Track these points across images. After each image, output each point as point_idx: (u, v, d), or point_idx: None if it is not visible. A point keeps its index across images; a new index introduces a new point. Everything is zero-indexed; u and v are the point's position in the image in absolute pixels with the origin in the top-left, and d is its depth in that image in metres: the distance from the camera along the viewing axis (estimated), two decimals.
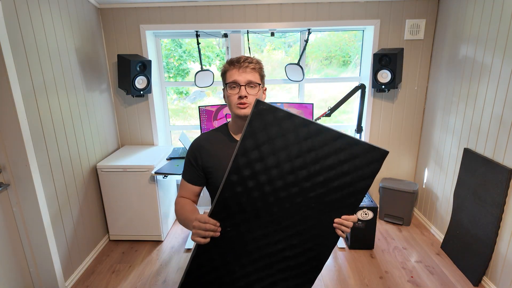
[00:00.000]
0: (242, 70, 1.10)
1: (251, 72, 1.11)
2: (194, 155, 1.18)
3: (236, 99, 1.10)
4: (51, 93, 2.07)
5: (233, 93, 1.11)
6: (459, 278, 2.22)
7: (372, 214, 2.48)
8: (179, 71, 3.18)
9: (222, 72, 1.16)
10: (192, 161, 1.18)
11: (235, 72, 1.10)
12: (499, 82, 2.00)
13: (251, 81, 1.10)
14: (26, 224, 1.94)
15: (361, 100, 2.66)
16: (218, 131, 1.22)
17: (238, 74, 1.10)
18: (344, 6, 2.71)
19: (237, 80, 1.10)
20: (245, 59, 1.11)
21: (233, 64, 1.11)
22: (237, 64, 1.10)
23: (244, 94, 1.09)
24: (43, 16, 2.00)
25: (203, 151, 1.17)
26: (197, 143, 1.19)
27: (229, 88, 1.12)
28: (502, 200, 1.95)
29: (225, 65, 1.15)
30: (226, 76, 1.13)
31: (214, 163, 1.15)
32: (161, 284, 2.23)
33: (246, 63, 1.10)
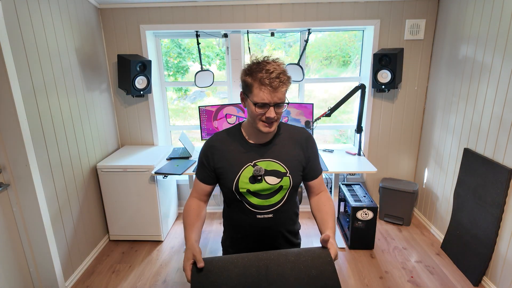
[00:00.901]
0: (275, 92, 1.02)
1: (282, 92, 1.04)
2: (206, 155, 1.17)
3: (263, 117, 1.06)
4: (51, 93, 2.07)
5: (261, 113, 1.05)
6: (459, 278, 2.22)
7: (372, 214, 2.48)
8: (178, 68, 3.18)
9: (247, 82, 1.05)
10: (204, 161, 1.18)
11: (267, 93, 1.01)
12: (499, 82, 2.00)
13: (281, 102, 1.05)
14: (26, 224, 1.94)
15: (361, 100, 2.66)
16: (232, 132, 1.20)
17: (269, 96, 1.02)
18: (344, 6, 2.71)
19: (268, 102, 1.02)
20: (279, 80, 1.01)
21: (265, 83, 1.01)
22: (269, 86, 1.01)
23: (273, 116, 1.04)
24: (43, 16, 2.00)
25: (215, 151, 1.16)
26: (210, 143, 1.18)
27: (257, 107, 1.04)
28: (502, 200, 1.95)
29: (253, 78, 1.02)
30: (254, 91, 1.03)
31: (224, 164, 1.14)
32: (161, 284, 2.23)
33: (280, 85, 1.01)
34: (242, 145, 1.16)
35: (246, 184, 1.11)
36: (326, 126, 3.21)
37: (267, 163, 1.14)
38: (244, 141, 1.16)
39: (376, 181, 3.20)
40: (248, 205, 1.14)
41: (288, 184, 1.14)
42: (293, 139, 1.20)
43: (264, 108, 1.04)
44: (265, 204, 1.14)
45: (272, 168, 1.13)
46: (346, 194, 2.71)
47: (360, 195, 2.68)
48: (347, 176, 3.22)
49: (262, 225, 1.15)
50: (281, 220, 1.18)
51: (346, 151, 2.88)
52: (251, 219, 1.15)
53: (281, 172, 1.13)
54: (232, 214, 1.22)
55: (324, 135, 3.40)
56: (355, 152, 2.81)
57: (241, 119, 2.83)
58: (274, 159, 1.15)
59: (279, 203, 1.15)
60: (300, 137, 1.21)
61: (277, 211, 1.15)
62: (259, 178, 1.12)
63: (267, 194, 1.13)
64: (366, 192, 2.76)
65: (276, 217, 1.16)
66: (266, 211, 1.14)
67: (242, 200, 1.14)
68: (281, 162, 1.14)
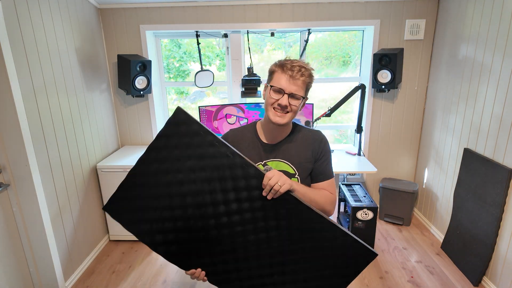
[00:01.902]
0: (293, 80, 1.04)
1: (301, 85, 1.06)
2: None
3: (275, 104, 1.07)
4: (51, 93, 2.07)
5: (275, 98, 1.07)
6: (459, 278, 2.22)
7: (372, 214, 2.48)
8: (179, 72, 3.18)
9: (271, 70, 1.11)
10: None
11: (285, 79, 1.05)
12: (499, 82, 2.00)
13: (296, 93, 1.06)
14: (26, 224, 1.94)
15: (361, 100, 2.66)
16: (247, 129, 1.21)
17: (287, 83, 1.05)
18: (344, 6, 2.71)
19: (284, 88, 1.05)
20: (300, 69, 1.05)
21: (285, 69, 1.05)
22: (290, 72, 1.04)
23: (285, 104, 1.05)
24: (43, 16, 2.00)
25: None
26: (225, 138, 1.19)
27: (273, 91, 1.07)
28: (502, 200, 1.95)
29: (278, 65, 1.09)
30: (274, 76, 1.08)
31: None
32: (161, 284, 2.23)
33: (299, 75, 1.04)
34: (254, 143, 1.17)
35: None
36: (326, 126, 3.21)
37: (277, 163, 1.14)
38: (257, 139, 1.17)
39: (376, 181, 3.20)
40: None
41: None
42: (306, 142, 1.18)
43: (278, 94, 1.06)
44: None
45: (281, 168, 1.13)
46: (346, 194, 2.71)
47: (360, 195, 2.68)
48: (347, 176, 3.22)
49: None
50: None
51: (346, 151, 2.88)
52: None
53: (290, 173, 1.14)
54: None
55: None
56: (355, 152, 2.81)
57: (241, 119, 2.83)
58: (283, 160, 1.15)
59: None
60: (314, 140, 1.19)
61: None
62: None
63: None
64: (366, 192, 2.76)
65: None
66: None
67: None
68: (291, 163, 1.15)
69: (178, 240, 1.01)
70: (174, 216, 0.98)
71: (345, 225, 2.78)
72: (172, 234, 1.00)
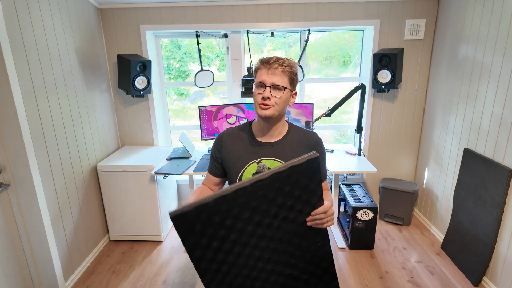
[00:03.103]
0: (271, 71, 1.09)
1: (280, 75, 1.10)
2: (215, 147, 1.24)
3: (259, 98, 1.11)
4: (51, 93, 2.07)
5: (258, 93, 1.11)
6: (459, 278, 2.22)
7: (372, 214, 2.48)
8: (180, 72, 3.18)
9: (254, 69, 1.16)
10: (213, 153, 1.24)
11: (264, 72, 1.10)
12: (499, 82, 2.00)
13: (276, 84, 1.09)
14: (26, 224, 1.94)
15: (361, 100, 2.66)
16: (242, 129, 1.24)
17: (266, 75, 1.10)
18: (344, 6, 2.71)
19: (264, 80, 1.10)
20: (276, 60, 1.10)
21: (263, 63, 1.11)
22: (267, 64, 1.10)
23: (267, 96, 1.09)
24: (43, 17, 2.00)
25: (224, 145, 1.21)
26: (220, 137, 1.24)
27: (255, 87, 1.12)
28: (502, 200, 1.95)
29: (258, 62, 1.15)
30: (257, 73, 1.13)
31: (231, 159, 1.18)
32: (161, 284, 2.23)
33: (276, 65, 1.09)
34: (249, 142, 1.19)
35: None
36: (326, 126, 3.21)
37: (272, 161, 1.16)
38: (252, 138, 1.20)
39: (376, 181, 3.20)
40: None
41: None
42: (302, 142, 1.21)
43: (261, 88, 1.10)
44: None
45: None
46: (346, 194, 2.71)
47: (360, 195, 2.68)
48: (347, 176, 3.22)
49: None
50: None
51: (346, 151, 2.88)
52: None
53: None
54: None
55: (324, 135, 3.40)
56: (355, 152, 2.81)
57: (241, 119, 2.83)
58: (278, 159, 1.17)
59: None
60: (309, 141, 1.22)
61: None
62: None
63: None
64: (366, 192, 2.76)
65: None
66: None
67: None
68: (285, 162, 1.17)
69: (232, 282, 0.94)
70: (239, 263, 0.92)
71: (345, 225, 2.78)
72: (230, 276, 0.93)
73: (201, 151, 2.96)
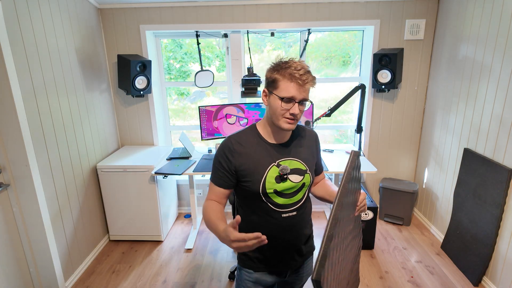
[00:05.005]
0: (302, 88, 1.04)
1: (308, 90, 1.07)
2: (225, 157, 1.13)
3: (287, 114, 1.06)
4: (51, 93, 2.07)
5: (286, 108, 1.06)
6: (459, 278, 2.22)
7: (372, 214, 2.48)
8: (180, 72, 3.18)
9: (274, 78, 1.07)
10: (225, 165, 1.13)
11: (295, 88, 1.03)
12: (499, 82, 2.00)
13: (306, 99, 1.07)
14: (26, 224, 1.94)
15: (361, 100, 2.66)
16: (249, 133, 1.18)
17: (297, 91, 1.04)
18: (344, 6, 2.71)
19: (295, 97, 1.04)
20: (307, 77, 1.04)
21: (294, 78, 1.03)
22: (300, 81, 1.03)
23: (297, 112, 1.06)
24: (43, 16, 2.00)
25: (236, 154, 1.12)
26: (228, 146, 1.13)
27: (283, 102, 1.05)
28: (502, 200, 1.95)
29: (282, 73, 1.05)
30: (280, 85, 1.05)
31: (249, 167, 1.12)
32: (161, 284, 2.23)
33: (308, 82, 1.04)
34: (262, 146, 1.15)
35: (273, 185, 1.12)
36: (326, 126, 3.21)
37: (289, 161, 1.16)
38: (264, 142, 1.16)
39: (376, 181, 3.20)
40: (273, 205, 1.14)
41: (309, 181, 1.18)
42: (306, 138, 1.25)
43: (289, 104, 1.05)
44: (290, 203, 1.15)
45: (294, 166, 1.16)
46: None
47: None
48: None
49: (287, 224, 1.16)
50: (303, 217, 1.21)
51: (346, 151, 2.88)
52: (277, 219, 1.15)
53: (302, 170, 1.17)
54: (252, 217, 1.18)
55: (324, 135, 3.40)
56: None
57: (241, 119, 2.83)
58: (295, 158, 1.17)
59: (301, 200, 1.18)
60: (311, 136, 1.27)
61: (300, 208, 1.18)
62: (285, 177, 1.13)
63: (291, 193, 1.15)
64: (366, 192, 2.76)
65: (298, 213, 1.18)
66: (290, 209, 1.16)
67: (267, 201, 1.13)
68: (301, 160, 1.18)
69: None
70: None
71: None
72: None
73: (201, 151, 2.96)
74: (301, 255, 1.23)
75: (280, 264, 1.21)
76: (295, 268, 1.25)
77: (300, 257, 1.24)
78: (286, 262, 1.21)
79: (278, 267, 1.22)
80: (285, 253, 1.20)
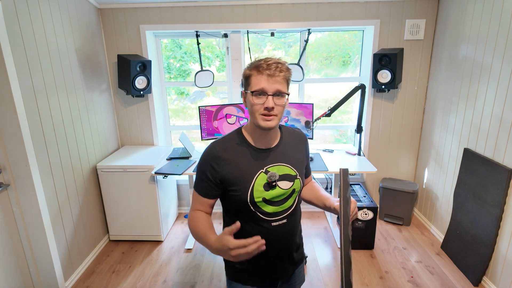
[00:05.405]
0: (272, 79, 0.98)
1: (281, 81, 0.99)
2: (210, 167, 1.05)
3: (261, 109, 0.99)
4: (51, 93, 2.07)
5: (259, 103, 0.99)
6: (459, 278, 2.22)
7: (372, 214, 2.48)
8: (180, 72, 3.18)
9: (246, 75, 1.03)
10: (209, 174, 1.05)
11: (264, 79, 0.98)
12: (499, 82, 2.00)
13: (280, 91, 0.99)
14: (26, 224, 1.94)
15: (361, 100, 2.66)
16: (233, 139, 1.10)
17: (267, 83, 0.98)
18: (344, 6, 2.71)
19: (265, 89, 0.98)
20: (276, 66, 0.98)
21: (261, 69, 0.98)
22: (267, 71, 0.97)
23: (272, 105, 0.98)
24: (43, 16, 2.00)
25: (221, 162, 1.05)
26: (212, 153, 1.06)
27: (254, 96, 1.00)
28: (502, 200, 1.95)
29: (252, 68, 1.01)
30: (251, 81, 1.00)
31: (235, 175, 1.05)
32: (161, 284, 2.23)
33: (277, 71, 0.98)
34: (249, 152, 1.08)
35: (262, 193, 1.05)
36: (326, 126, 3.21)
37: (278, 167, 1.09)
38: (250, 147, 1.08)
39: (376, 181, 3.20)
40: (262, 214, 1.08)
41: (300, 186, 1.13)
42: (296, 141, 1.18)
43: (262, 97, 0.99)
44: (280, 210, 1.10)
45: (284, 172, 1.09)
46: None
47: (360, 195, 2.68)
48: None
49: (278, 232, 1.11)
50: (294, 224, 1.16)
51: (346, 151, 2.88)
52: (266, 228, 1.09)
53: (292, 175, 1.11)
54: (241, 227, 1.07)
55: (324, 135, 3.40)
56: (355, 152, 2.81)
57: (241, 119, 2.83)
58: (284, 163, 1.11)
59: (292, 207, 1.12)
60: (301, 139, 1.20)
61: (290, 216, 1.13)
62: (273, 184, 1.07)
63: (281, 200, 1.09)
64: (366, 192, 2.76)
65: (289, 221, 1.13)
66: (280, 217, 1.10)
67: (256, 210, 1.07)
68: (291, 165, 1.12)
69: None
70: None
71: None
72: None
73: (201, 151, 2.96)
74: (292, 263, 1.19)
75: (271, 274, 1.16)
76: (286, 277, 1.20)
77: (291, 265, 1.19)
78: (277, 272, 1.16)
79: (269, 278, 1.16)
80: (277, 263, 1.15)
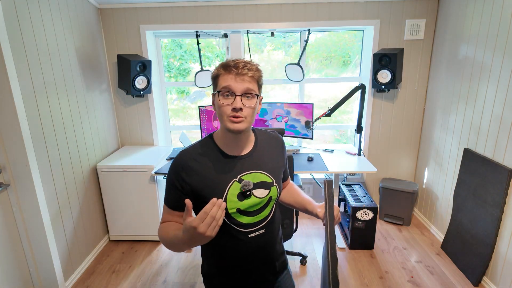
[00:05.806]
0: (240, 77, 0.91)
1: (250, 81, 0.93)
2: (179, 177, 0.98)
3: (229, 110, 0.92)
4: (51, 93, 2.07)
5: (226, 103, 0.92)
6: (459, 278, 2.22)
7: (372, 214, 2.48)
8: (180, 71, 3.18)
9: (214, 75, 0.97)
10: (178, 184, 0.98)
11: (231, 78, 0.92)
12: (499, 82, 2.00)
13: (249, 90, 0.93)
14: (26, 224, 1.94)
15: (361, 100, 2.66)
16: (204, 146, 1.03)
17: (234, 82, 0.91)
18: (344, 6, 2.71)
19: (233, 88, 0.91)
20: (244, 65, 0.92)
21: (229, 68, 0.92)
22: (234, 69, 0.91)
23: (240, 106, 0.91)
24: (43, 17, 2.00)
25: (190, 172, 0.97)
26: (181, 163, 0.98)
27: (221, 96, 0.93)
28: (502, 200, 1.95)
29: (219, 68, 0.95)
30: (219, 81, 0.94)
31: (206, 186, 0.97)
32: (161, 284, 2.23)
33: (245, 70, 0.92)
34: (220, 160, 1.00)
35: (235, 203, 0.98)
36: (326, 126, 3.21)
37: (253, 175, 1.01)
38: (222, 154, 1.00)
39: (376, 181, 3.20)
40: (237, 226, 1.00)
41: (276, 194, 1.06)
42: (272, 146, 1.11)
43: (229, 98, 0.92)
44: (256, 221, 1.03)
45: (259, 180, 1.02)
46: (346, 194, 2.71)
47: (360, 195, 2.68)
48: (347, 176, 3.22)
49: (256, 244, 1.04)
50: (272, 233, 1.10)
51: (346, 151, 2.88)
52: (243, 240, 1.02)
53: (268, 182, 1.04)
54: (216, 241, 1.01)
55: (324, 135, 3.40)
56: (355, 152, 2.81)
57: None
58: (259, 170, 1.03)
59: (269, 215, 1.06)
60: (277, 143, 1.14)
61: (268, 225, 1.06)
62: (248, 194, 0.99)
63: (257, 210, 1.02)
64: (366, 192, 2.76)
65: (267, 231, 1.06)
66: (257, 227, 1.03)
67: (231, 222, 1.00)
68: (267, 172, 1.04)
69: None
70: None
71: (345, 225, 2.78)
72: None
73: None
74: (274, 273, 1.13)
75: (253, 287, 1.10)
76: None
77: (273, 276, 1.13)
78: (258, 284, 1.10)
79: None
80: (257, 275, 1.09)
